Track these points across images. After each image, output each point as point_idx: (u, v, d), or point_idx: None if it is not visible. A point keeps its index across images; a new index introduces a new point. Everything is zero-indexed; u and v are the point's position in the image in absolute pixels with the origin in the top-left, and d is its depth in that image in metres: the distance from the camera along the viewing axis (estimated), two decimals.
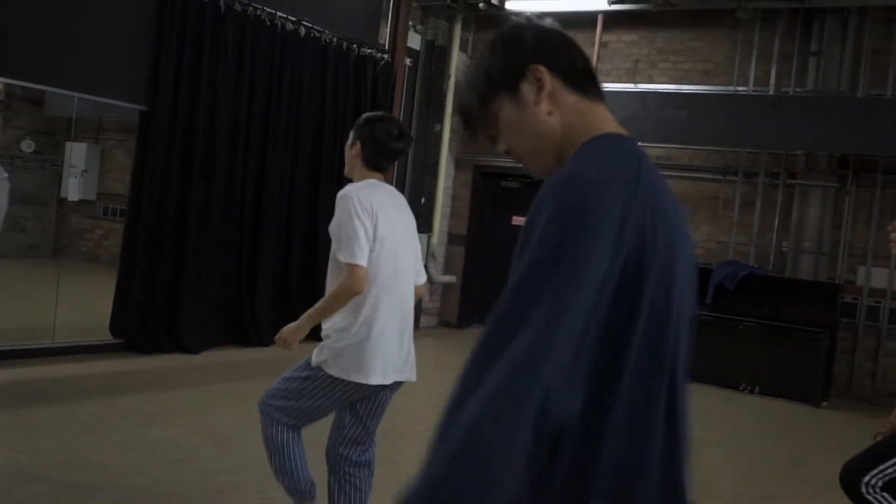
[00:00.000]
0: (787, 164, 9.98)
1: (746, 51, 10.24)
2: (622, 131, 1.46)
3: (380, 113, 3.83)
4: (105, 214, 15.39)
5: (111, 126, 15.36)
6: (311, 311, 3.45)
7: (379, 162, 3.54)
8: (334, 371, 3.40)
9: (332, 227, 3.42)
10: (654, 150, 10.64)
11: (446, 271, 11.96)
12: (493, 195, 12.15)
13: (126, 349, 8.02)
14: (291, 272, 9.46)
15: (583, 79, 1.47)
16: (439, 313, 11.98)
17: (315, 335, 3.53)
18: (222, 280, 8.75)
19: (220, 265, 8.68)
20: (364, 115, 3.69)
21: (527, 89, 1.45)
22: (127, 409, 6.11)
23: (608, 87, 10.59)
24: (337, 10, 9.84)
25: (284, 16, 9.02)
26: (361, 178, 3.54)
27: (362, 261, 3.31)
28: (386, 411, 3.70)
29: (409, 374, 3.57)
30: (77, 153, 15.27)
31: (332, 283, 3.46)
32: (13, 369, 6.88)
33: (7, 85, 14.07)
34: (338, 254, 3.37)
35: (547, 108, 1.44)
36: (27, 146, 15.25)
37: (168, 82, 8.00)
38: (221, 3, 8.35)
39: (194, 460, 5.17)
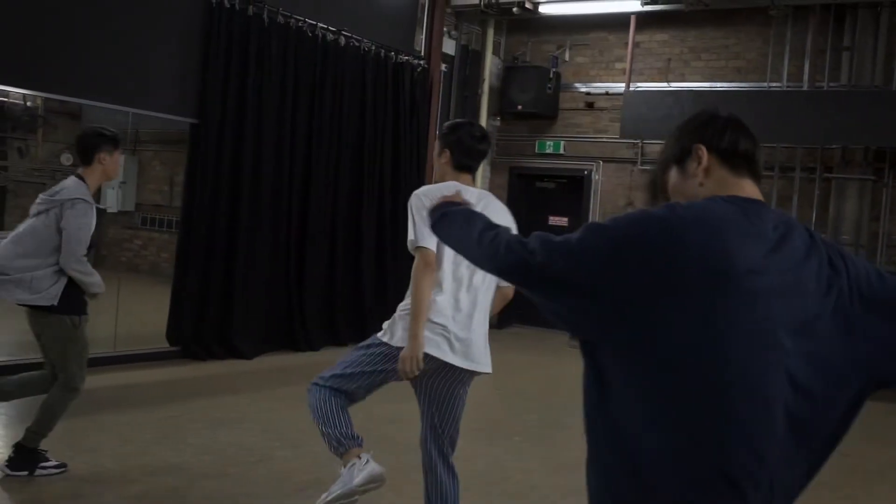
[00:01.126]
0: (823, 158, 10.10)
1: (779, 47, 10.35)
2: (751, 196, 1.73)
3: (460, 119, 4.03)
4: (144, 224, 15.66)
5: (147, 138, 15.63)
6: (410, 318, 3.54)
7: (466, 163, 3.72)
8: (392, 339, 3.61)
9: (412, 217, 3.59)
10: None
11: None
12: (528, 196, 12.30)
13: (182, 356, 8.25)
14: (336, 276, 9.66)
15: (738, 158, 1.78)
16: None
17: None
18: (271, 287, 8.96)
19: (269, 272, 8.89)
20: (447, 124, 3.89)
21: (690, 164, 1.79)
22: (195, 414, 6.31)
23: (641, 86, 10.80)
24: (375, 19, 10.03)
25: (325, 26, 9.23)
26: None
27: (428, 244, 3.49)
28: (461, 405, 3.82)
29: (477, 365, 3.67)
30: None
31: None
32: (98, 376, 7.10)
33: (45, 100, 14.40)
34: (414, 242, 3.54)
35: (700, 179, 1.78)
36: (66, 159, 15.53)
37: (216, 95, 8.21)
38: (265, 15, 8.56)
39: (270, 461, 5.36)
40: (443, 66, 11.04)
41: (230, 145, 8.38)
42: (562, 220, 12.00)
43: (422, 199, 3.55)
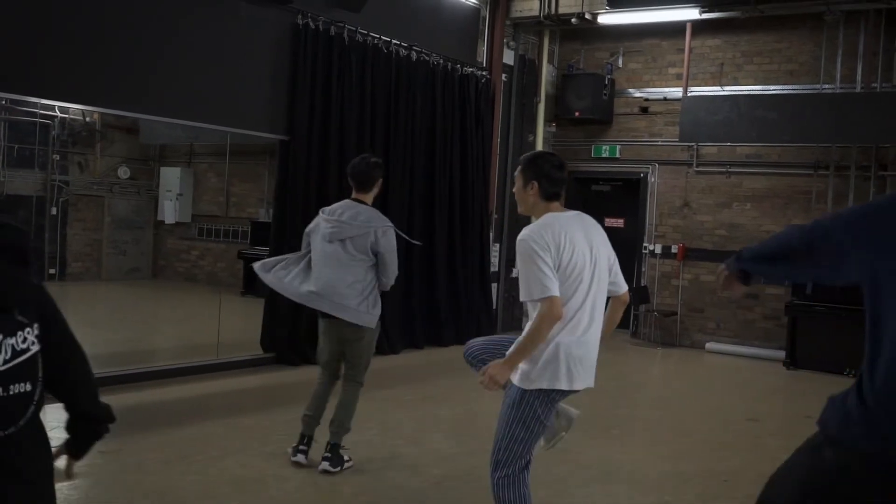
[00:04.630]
0: (878, 156, 10.42)
1: (831, 50, 10.67)
2: None
3: (537, 151, 4.18)
4: (200, 235, 16.09)
5: (202, 150, 16.07)
6: (515, 347, 3.67)
7: (555, 191, 3.81)
8: (543, 384, 3.66)
9: (520, 274, 3.68)
10: (744, 148, 11.14)
11: None
12: (584, 199, 12.63)
13: (277, 362, 8.65)
14: (413, 282, 10.06)
15: None
16: None
17: None
18: None
19: None
20: (525, 157, 3.95)
21: None
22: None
23: (695, 91, 11.13)
24: (441, 33, 10.45)
25: (398, 43, 9.64)
26: (542, 213, 3.79)
27: (555, 291, 3.55)
28: None
29: (589, 381, 3.84)
30: (171, 178, 15.99)
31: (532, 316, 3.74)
32: (202, 383, 7.57)
33: (102, 115, 14.84)
34: (527, 298, 3.62)
35: None
36: (123, 173, 16.00)
37: (304, 112, 8.63)
38: (345, 34, 8.97)
39: (399, 458, 5.76)
40: (503, 76, 11.42)
41: (317, 160, 8.79)
42: (618, 222, 12.35)
43: (532, 245, 3.58)
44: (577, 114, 11.90)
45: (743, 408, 8.14)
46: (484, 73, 10.95)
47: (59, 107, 13.54)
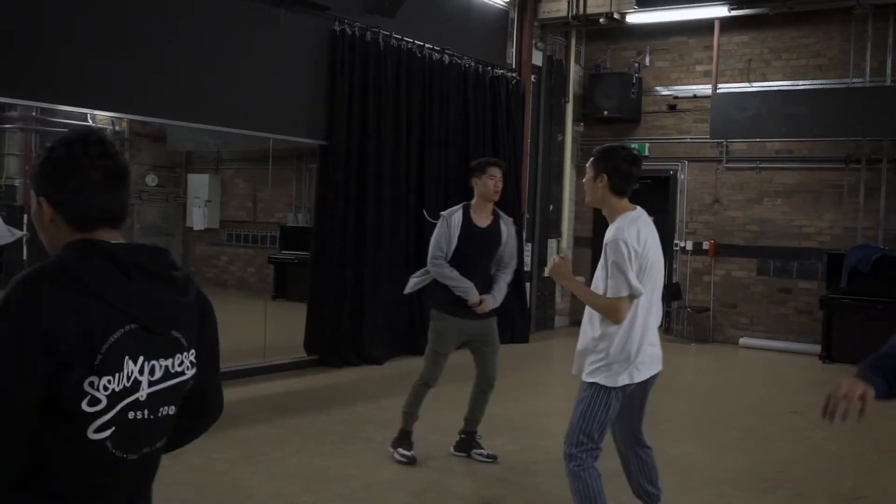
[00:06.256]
0: None
1: (860, 44, 10.70)
2: None
3: (612, 144, 4.12)
4: (229, 241, 16.21)
5: (229, 157, 16.19)
6: (585, 290, 3.92)
7: (625, 188, 3.87)
8: (609, 381, 3.83)
9: (610, 265, 3.75)
10: (774, 144, 11.19)
11: (574, 272, 12.53)
12: None
13: (320, 364, 8.76)
14: None
15: None
16: (570, 313, 12.61)
17: None
18: (394, 295, 9.44)
19: (391, 281, 9.36)
20: (599, 149, 3.99)
21: None
22: (368, 415, 6.82)
23: (724, 87, 11.18)
24: (471, 36, 10.57)
25: (431, 46, 9.76)
26: (614, 209, 3.88)
27: (626, 293, 3.73)
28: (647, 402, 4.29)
29: (660, 366, 4.07)
30: (199, 184, 16.14)
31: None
32: (251, 386, 7.70)
33: (130, 122, 14.99)
34: (608, 291, 3.76)
35: None
36: (151, 180, 16.15)
37: (342, 117, 8.74)
38: (380, 40, 9.08)
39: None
40: (531, 77, 11.51)
41: (356, 163, 8.90)
42: None
43: (629, 249, 3.72)
44: (605, 113, 11.98)
45: (784, 401, 8.20)
46: (513, 74, 11.05)
47: (89, 115, 13.66)
